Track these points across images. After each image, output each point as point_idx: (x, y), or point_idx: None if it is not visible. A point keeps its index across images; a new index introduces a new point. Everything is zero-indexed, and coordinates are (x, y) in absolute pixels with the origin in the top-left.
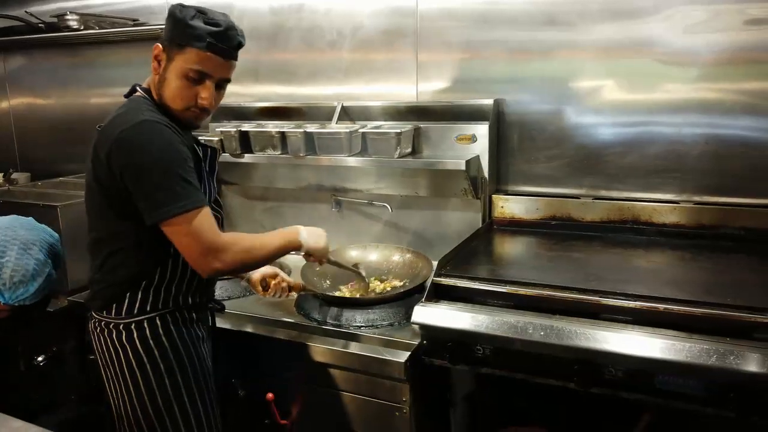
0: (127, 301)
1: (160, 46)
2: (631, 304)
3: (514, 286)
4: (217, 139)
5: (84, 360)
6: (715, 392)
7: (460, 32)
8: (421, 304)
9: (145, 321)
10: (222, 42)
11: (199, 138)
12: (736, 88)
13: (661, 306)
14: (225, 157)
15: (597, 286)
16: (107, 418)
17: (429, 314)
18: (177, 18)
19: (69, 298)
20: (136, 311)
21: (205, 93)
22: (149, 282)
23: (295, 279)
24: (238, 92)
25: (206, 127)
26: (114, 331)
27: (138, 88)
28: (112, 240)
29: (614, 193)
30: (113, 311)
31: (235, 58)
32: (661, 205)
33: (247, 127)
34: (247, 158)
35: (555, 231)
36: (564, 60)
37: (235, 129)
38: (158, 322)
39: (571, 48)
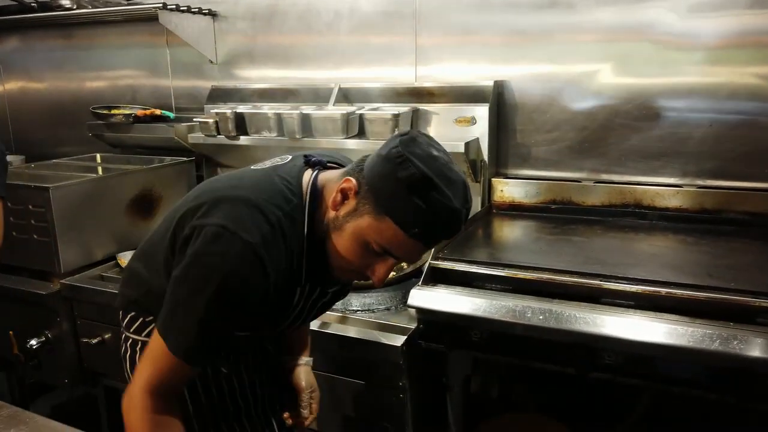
0: None
1: (355, 184)
2: (633, 288)
3: (512, 270)
4: (212, 121)
5: (78, 344)
6: (718, 378)
7: (460, 14)
8: (418, 287)
9: None
10: (439, 233)
11: None
12: (740, 72)
13: (664, 290)
14: (220, 139)
15: (598, 269)
16: (102, 401)
17: (426, 298)
18: (396, 176)
19: (62, 281)
20: None
21: (381, 270)
22: None
23: None
24: (233, 75)
25: (201, 109)
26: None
27: (313, 169)
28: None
29: (615, 177)
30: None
31: None
32: (664, 189)
33: (242, 108)
34: (243, 140)
35: (555, 215)
36: (565, 42)
37: (230, 111)
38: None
39: (572, 31)
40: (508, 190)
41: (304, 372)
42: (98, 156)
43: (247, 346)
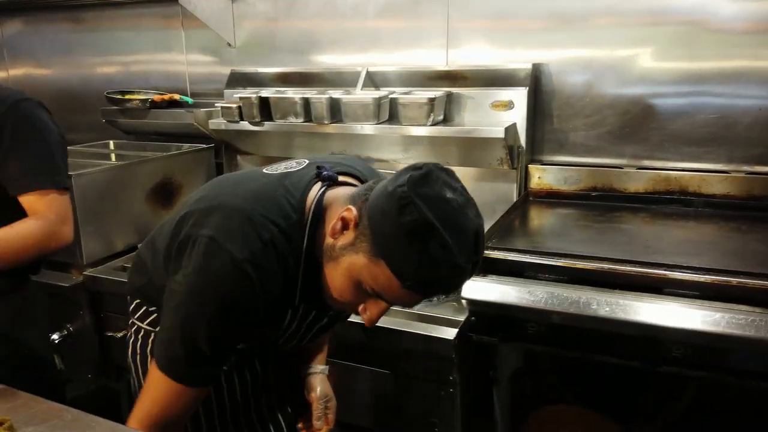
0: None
1: (356, 215)
2: (702, 277)
3: (570, 260)
4: (235, 106)
5: (101, 337)
6: None
7: None
8: (472, 278)
9: None
10: (437, 288)
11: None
12: None
13: (734, 280)
14: (243, 125)
15: (659, 259)
16: (124, 393)
17: (481, 289)
18: (397, 220)
19: (84, 273)
20: None
21: (373, 312)
22: None
23: None
24: (253, 59)
25: (217, 94)
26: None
27: (323, 183)
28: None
29: (657, 163)
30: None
31: None
32: (710, 175)
33: (266, 93)
34: (267, 126)
35: (596, 203)
36: (605, 26)
37: (254, 95)
38: None
39: (613, 13)
40: (546, 177)
41: (318, 381)
42: (111, 143)
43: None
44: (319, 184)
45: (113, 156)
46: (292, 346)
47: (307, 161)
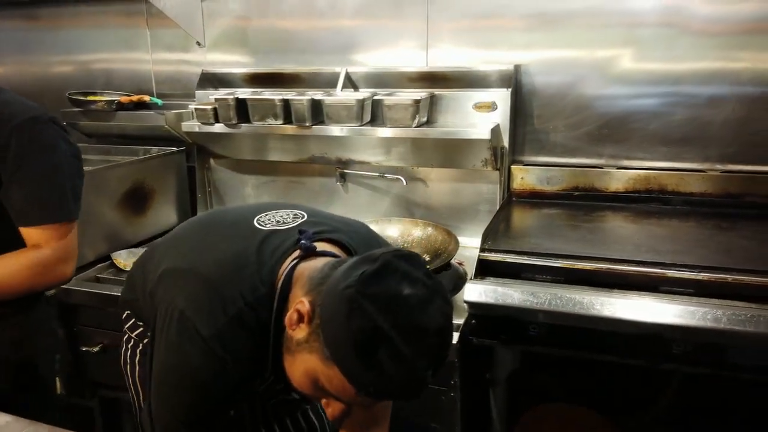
0: None
1: (308, 310)
2: (698, 275)
3: (568, 260)
4: (210, 107)
5: (75, 352)
6: None
7: None
8: (473, 281)
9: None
10: (394, 395)
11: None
12: (763, 57)
13: (729, 276)
14: (219, 127)
15: (653, 257)
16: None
17: (482, 292)
18: (346, 325)
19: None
20: None
21: (336, 410)
22: None
23: None
24: (223, 59)
25: (185, 95)
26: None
27: (302, 251)
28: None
29: (636, 163)
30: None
31: None
32: (688, 174)
33: (243, 94)
34: (244, 128)
35: (579, 202)
36: (586, 27)
37: (231, 96)
38: None
39: (594, 14)
40: (528, 177)
41: None
42: None
43: None
44: (297, 252)
45: None
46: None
47: (302, 218)
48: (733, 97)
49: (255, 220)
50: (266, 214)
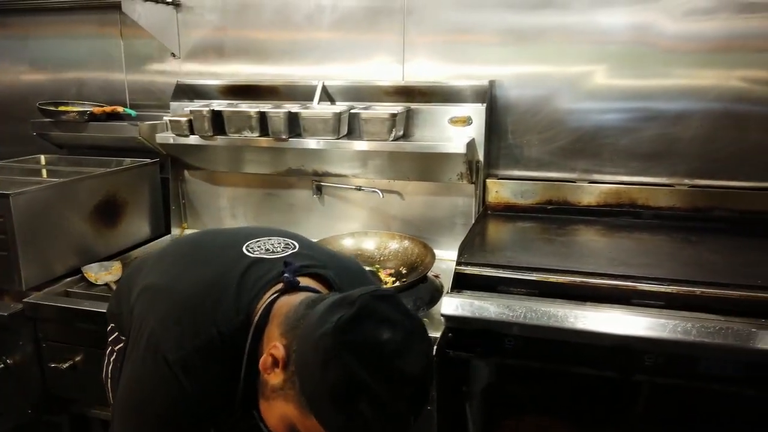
0: None
1: (283, 355)
2: (668, 288)
3: (543, 274)
4: (185, 119)
5: (42, 369)
6: (754, 373)
7: (451, 11)
8: (449, 294)
9: None
10: None
11: None
12: (727, 75)
13: (698, 290)
14: (194, 139)
15: (625, 270)
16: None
17: (459, 305)
18: (322, 376)
19: (24, 300)
20: None
21: None
22: None
23: None
24: (199, 70)
25: (159, 106)
26: None
27: (285, 284)
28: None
29: (607, 177)
30: None
31: None
32: (657, 188)
33: (219, 106)
34: (220, 140)
35: (553, 215)
36: (559, 43)
37: (207, 108)
38: None
39: (567, 31)
40: (503, 191)
41: None
42: (42, 158)
43: None
44: (280, 285)
45: (44, 172)
46: None
47: (293, 248)
48: (700, 113)
49: (245, 245)
50: (257, 241)
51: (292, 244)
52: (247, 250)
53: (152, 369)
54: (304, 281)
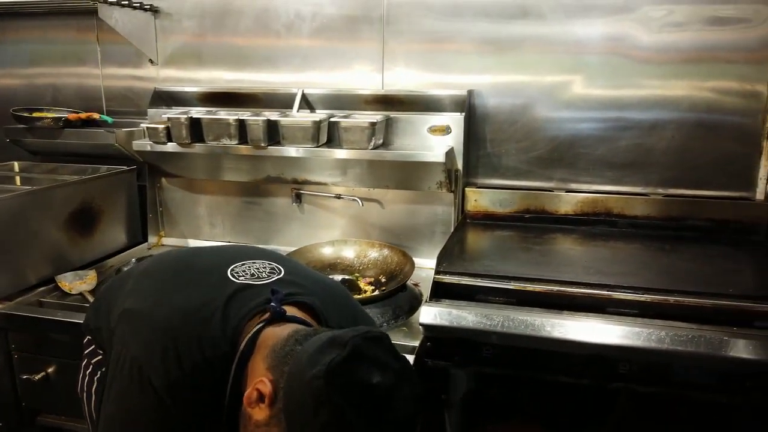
0: None
1: (270, 391)
2: (642, 297)
3: (520, 283)
4: (162, 126)
5: (14, 381)
6: (724, 380)
7: (430, 21)
8: (428, 304)
9: None
10: None
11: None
12: (699, 86)
13: (672, 298)
14: (172, 146)
15: (600, 279)
16: None
17: (438, 314)
18: (311, 418)
19: None
20: None
21: None
22: None
23: None
24: (177, 76)
25: (136, 113)
26: None
27: (266, 317)
28: None
29: (584, 186)
30: None
31: None
32: (632, 198)
33: (197, 113)
34: (197, 148)
35: (530, 224)
36: (536, 53)
37: (185, 116)
38: None
39: (543, 42)
40: (482, 199)
41: None
42: (16, 165)
43: None
44: (266, 315)
45: (18, 179)
46: None
47: (278, 273)
48: (673, 123)
49: (229, 269)
50: (242, 264)
51: (278, 268)
52: (232, 275)
53: (138, 394)
54: (290, 310)
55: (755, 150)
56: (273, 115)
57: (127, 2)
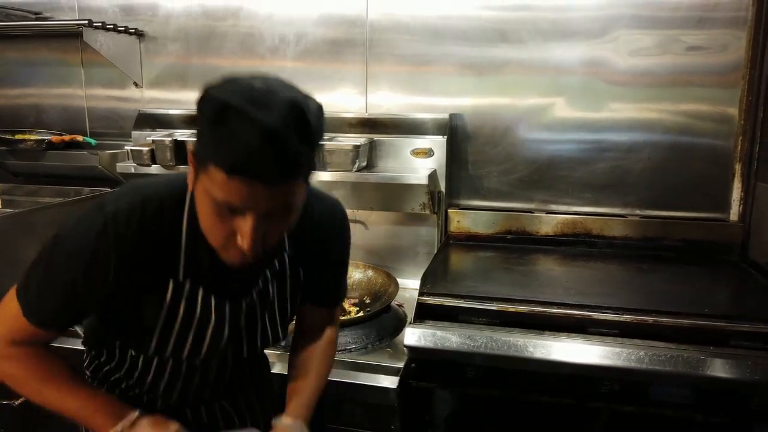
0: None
1: (192, 149)
2: (621, 317)
3: (503, 304)
4: (147, 149)
5: None
6: (707, 399)
7: (412, 45)
8: (412, 325)
9: None
10: (259, 162)
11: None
12: (674, 109)
13: (651, 318)
14: (156, 168)
15: (581, 300)
16: None
17: (422, 336)
18: (201, 115)
19: None
20: None
21: (245, 228)
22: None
23: None
24: (161, 99)
25: (120, 135)
26: None
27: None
28: None
29: (563, 207)
30: None
31: (294, 177)
32: (610, 219)
33: (182, 136)
34: (183, 170)
35: (512, 245)
36: (515, 77)
37: (169, 139)
38: None
39: (522, 65)
40: (464, 221)
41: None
42: None
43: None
44: None
45: (0, 201)
46: (206, 362)
47: None
48: (649, 146)
49: None
50: None
51: None
52: None
53: (89, 215)
54: None
55: (728, 172)
56: None
57: (112, 26)
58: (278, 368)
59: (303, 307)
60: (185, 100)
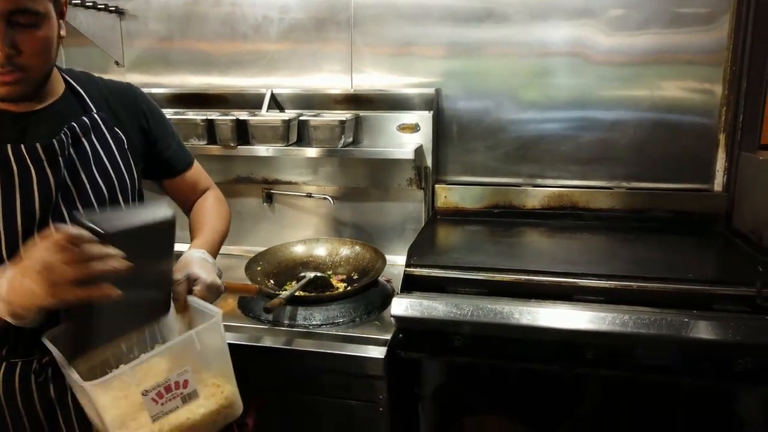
0: None
1: None
2: (606, 283)
3: (489, 273)
4: None
5: None
6: (692, 361)
7: (397, 23)
8: (399, 296)
9: None
10: None
11: None
12: (659, 85)
13: (635, 284)
14: None
15: (567, 268)
16: None
17: (410, 306)
18: None
19: None
20: None
21: (26, 45)
22: None
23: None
24: (146, 81)
25: None
26: None
27: None
28: None
29: (549, 181)
30: None
31: None
32: (597, 191)
33: (166, 114)
34: None
35: (499, 219)
36: (500, 56)
37: None
38: None
39: (508, 43)
40: (451, 196)
41: (186, 261)
42: None
43: None
44: None
45: None
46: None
47: None
48: (634, 121)
49: None
50: None
51: None
52: None
53: None
54: None
55: (713, 144)
56: (242, 114)
57: (91, 3)
58: (268, 341)
59: (170, 183)
60: (167, 81)
